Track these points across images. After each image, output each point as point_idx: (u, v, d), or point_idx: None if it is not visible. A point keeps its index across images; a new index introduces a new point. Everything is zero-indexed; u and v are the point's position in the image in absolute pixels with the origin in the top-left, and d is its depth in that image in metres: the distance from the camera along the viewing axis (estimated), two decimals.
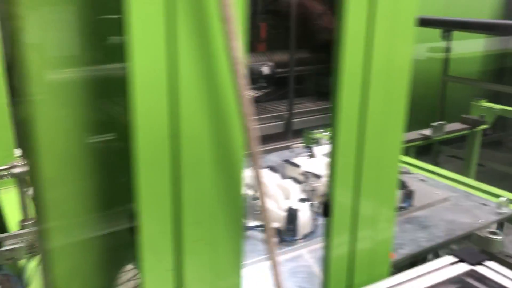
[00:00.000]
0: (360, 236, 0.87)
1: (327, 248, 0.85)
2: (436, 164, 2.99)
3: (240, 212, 0.72)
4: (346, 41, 0.74)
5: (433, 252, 1.73)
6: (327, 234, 0.84)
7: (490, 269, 1.03)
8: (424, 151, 4.03)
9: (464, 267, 1.04)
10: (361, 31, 0.74)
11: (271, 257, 0.71)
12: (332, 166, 0.82)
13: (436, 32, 3.95)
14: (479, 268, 1.03)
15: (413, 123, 3.73)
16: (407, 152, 2.93)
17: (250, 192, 1.72)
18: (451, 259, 1.09)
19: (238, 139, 0.66)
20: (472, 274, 1.01)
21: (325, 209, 0.83)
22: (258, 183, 0.67)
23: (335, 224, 0.83)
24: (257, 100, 4.32)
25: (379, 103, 0.79)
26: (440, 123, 2.95)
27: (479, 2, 4.76)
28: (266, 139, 3.39)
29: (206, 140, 0.64)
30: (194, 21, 0.58)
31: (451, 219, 1.79)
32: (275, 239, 0.72)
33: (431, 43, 4.14)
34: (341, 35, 0.74)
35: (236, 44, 0.58)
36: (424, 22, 3.85)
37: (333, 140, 0.80)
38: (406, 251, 1.58)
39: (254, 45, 4.79)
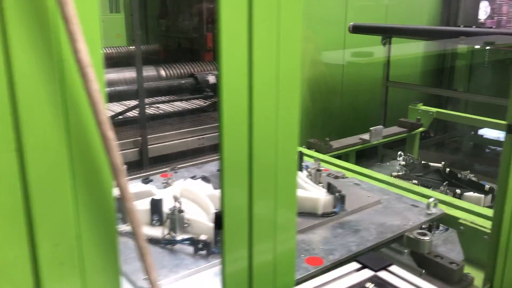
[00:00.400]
0: (259, 249, 0.83)
1: (223, 263, 0.81)
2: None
3: (112, 229, 0.66)
4: (225, 48, 0.71)
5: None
6: (222, 249, 0.80)
7: (393, 274, 1.02)
8: (369, 155, 4.11)
9: (367, 273, 1.03)
10: (241, 33, 0.71)
11: (143, 260, 0.65)
12: (222, 176, 0.77)
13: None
14: (382, 274, 1.02)
15: (356, 128, 3.78)
16: (348, 156, 2.96)
17: (176, 205, 1.66)
18: (355, 265, 1.08)
19: (98, 149, 0.60)
20: (374, 280, 0.99)
21: (217, 221, 0.78)
22: (122, 195, 0.61)
23: (229, 237, 0.78)
24: (204, 110, 4.26)
25: (268, 105, 0.76)
26: (377, 127, 3.00)
27: (418, 9, 4.93)
28: (216, 148, 3.34)
29: (58, 153, 0.58)
30: (31, 22, 0.52)
31: (381, 222, 1.80)
32: (147, 244, 0.66)
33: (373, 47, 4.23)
34: (220, 39, 0.70)
35: (81, 46, 0.53)
36: (365, 29, 3.94)
37: (221, 150, 0.75)
38: (336, 256, 1.56)
39: (201, 55, 4.73)
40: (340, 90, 4.28)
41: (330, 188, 1.86)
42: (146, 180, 1.99)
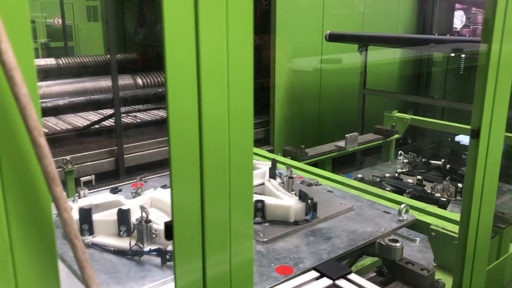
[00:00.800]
0: (214, 260, 0.80)
1: (174, 277, 0.77)
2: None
3: (49, 242, 0.62)
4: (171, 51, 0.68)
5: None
6: (173, 261, 0.76)
7: (351, 282, 1.00)
8: (348, 162, 4.12)
9: (325, 282, 1.01)
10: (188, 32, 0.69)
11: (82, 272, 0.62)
12: (170, 179, 0.74)
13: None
14: (340, 282, 1.00)
15: (334, 135, 3.78)
16: (324, 164, 2.95)
17: (144, 215, 1.62)
18: (314, 274, 1.06)
19: (30, 154, 0.57)
20: None
21: (167, 231, 0.75)
22: (58, 206, 0.58)
23: (180, 247, 0.75)
24: None
25: (218, 105, 0.74)
26: (353, 134, 3.01)
27: (394, 18, 5.00)
28: None
29: None
30: None
31: (353, 229, 1.78)
32: (86, 256, 0.63)
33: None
34: (165, 43, 0.68)
35: (4, 47, 0.50)
36: (341, 38, 3.98)
37: (169, 156, 0.73)
38: (306, 265, 1.54)
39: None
40: (318, 97, 4.30)
41: (302, 196, 1.84)
42: (115, 190, 1.95)
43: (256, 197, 1.87)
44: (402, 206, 1.85)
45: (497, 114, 1.39)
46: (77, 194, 1.92)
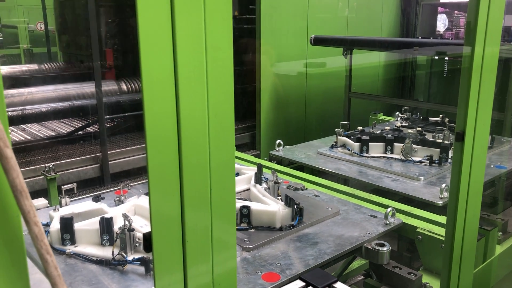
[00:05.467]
0: (195, 271, 0.77)
1: None
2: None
3: (20, 255, 0.59)
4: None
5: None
6: (153, 273, 0.73)
7: None
8: None
9: None
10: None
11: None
12: (149, 186, 0.72)
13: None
14: None
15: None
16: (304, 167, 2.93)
17: (127, 223, 1.58)
18: (299, 283, 1.04)
19: None
20: None
21: (146, 243, 0.72)
22: (27, 219, 0.55)
23: (159, 258, 0.73)
24: None
25: (197, 110, 0.71)
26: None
27: (377, 21, 5.03)
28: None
29: None
30: None
31: (340, 233, 1.77)
32: (59, 272, 0.60)
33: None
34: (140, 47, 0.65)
35: None
36: (326, 41, 3.98)
37: (147, 165, 0.70)
38: (293, 271, 1.52)
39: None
40: (304, 100, 4.29)
41: (288, 201, 1.82)
42: (98, 198, 1.90)
43: (242, 203, 1.85)
44: (389, 209, 1.84)
45: (482, 116, 1.39)
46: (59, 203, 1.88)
